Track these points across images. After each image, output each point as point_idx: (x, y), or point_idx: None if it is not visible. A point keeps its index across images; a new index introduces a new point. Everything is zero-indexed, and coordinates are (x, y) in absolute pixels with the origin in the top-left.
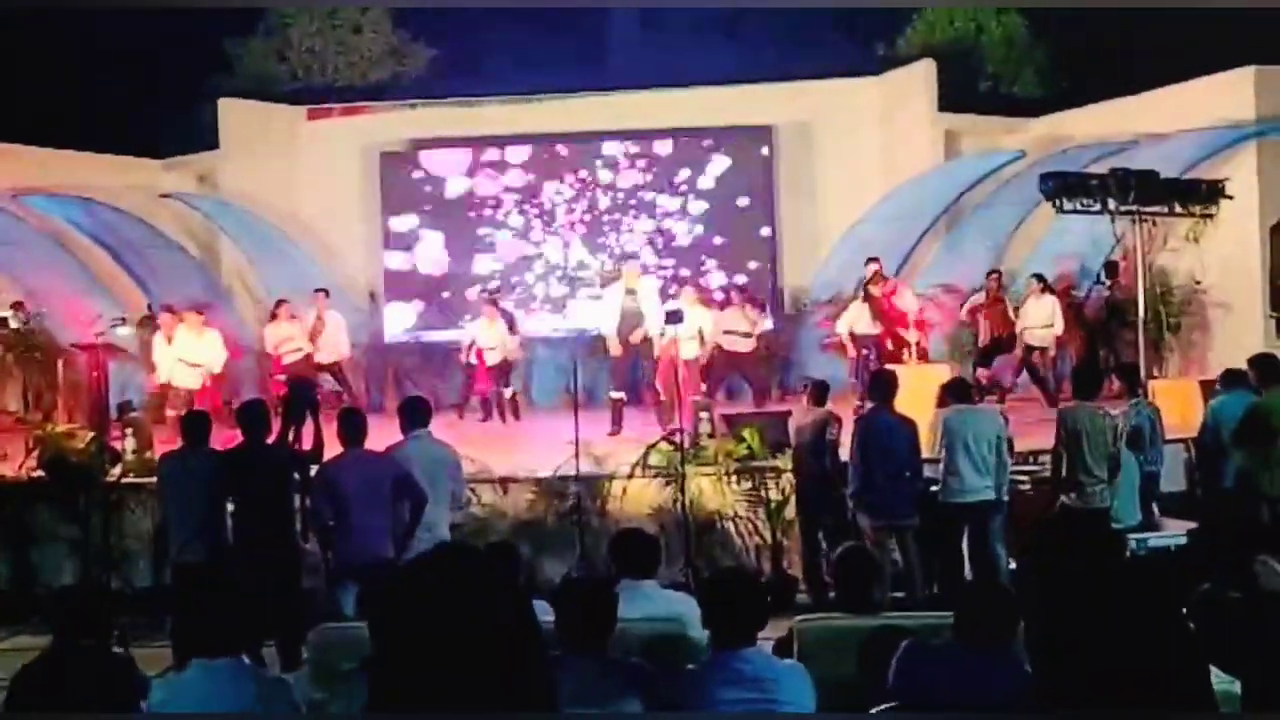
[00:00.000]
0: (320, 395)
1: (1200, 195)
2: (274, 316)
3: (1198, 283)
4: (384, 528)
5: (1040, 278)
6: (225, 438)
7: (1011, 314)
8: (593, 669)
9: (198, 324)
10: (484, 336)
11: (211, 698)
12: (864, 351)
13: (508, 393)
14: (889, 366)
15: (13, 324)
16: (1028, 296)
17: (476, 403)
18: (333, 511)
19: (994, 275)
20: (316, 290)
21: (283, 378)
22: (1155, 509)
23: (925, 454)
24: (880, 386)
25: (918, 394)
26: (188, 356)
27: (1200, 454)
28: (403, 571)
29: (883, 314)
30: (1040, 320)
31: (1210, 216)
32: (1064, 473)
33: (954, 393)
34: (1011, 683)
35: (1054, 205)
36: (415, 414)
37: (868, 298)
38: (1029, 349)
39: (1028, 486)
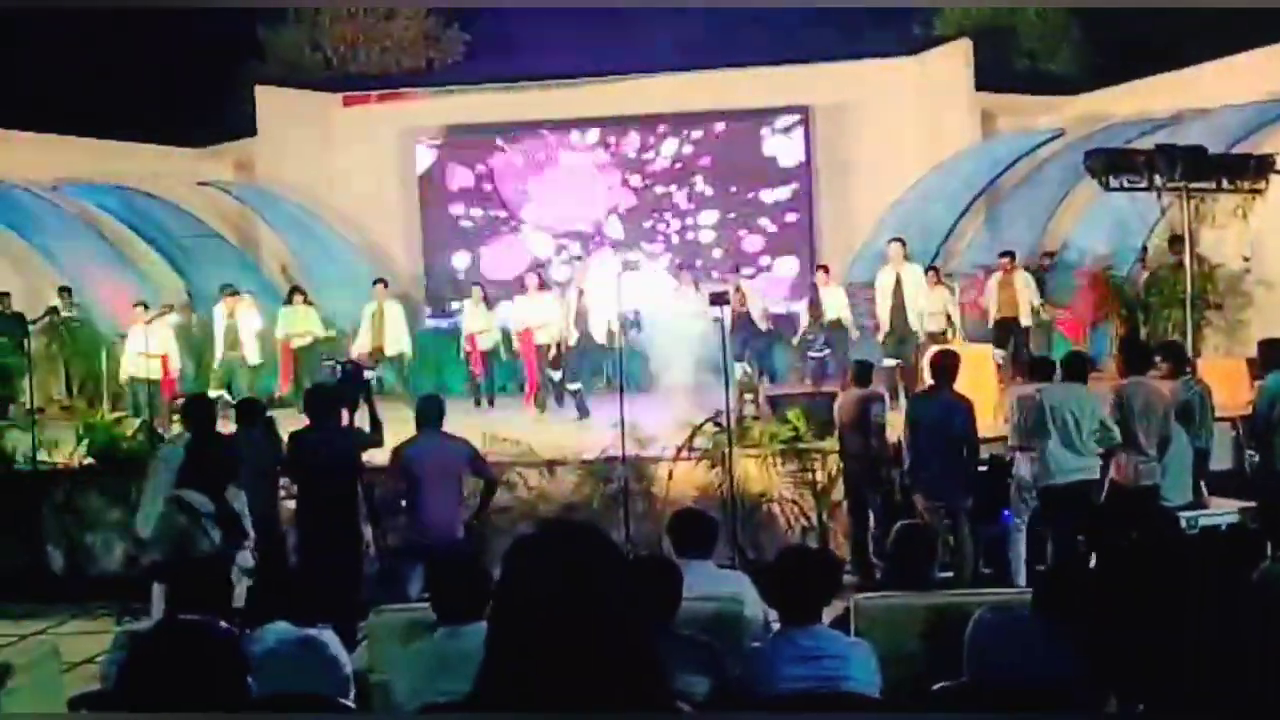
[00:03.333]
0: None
1: (1249, 170)
2: (289, 303)
3: (1245, 259)
4: (454, 509)
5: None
6: None
7: (1022, 293)
8: (660, 646)
9: (142, 318)
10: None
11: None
12: (809, 336)
13: (572, 387)
14: (948, 347)
15: (62, 311)
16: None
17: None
18: (405, 491)
19: (1006, 255)
20: (376, 281)
21: (330, 362)
22: (1204, 487)
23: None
24: (941, 366)
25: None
26: (139, 348)
27: (1254, 432)
28: (520, 548)
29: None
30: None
31: (1260, 192)
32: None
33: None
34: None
35: (1100, 182)
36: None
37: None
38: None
39: None
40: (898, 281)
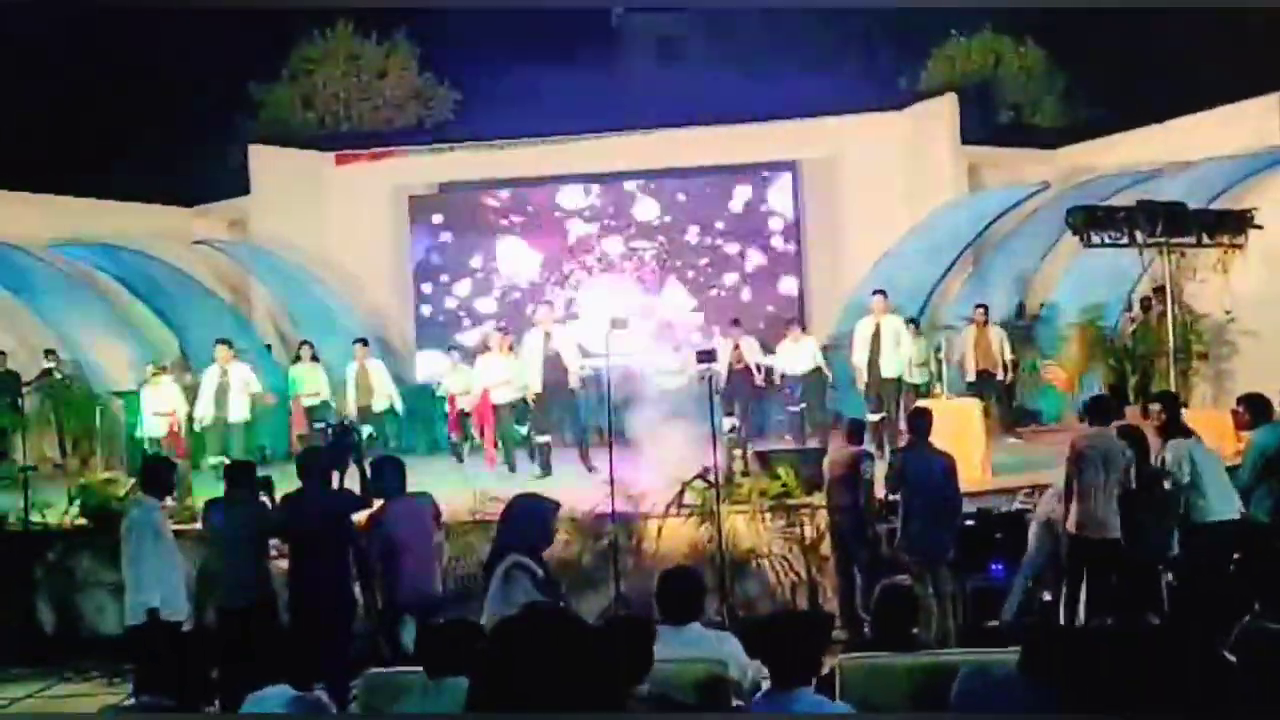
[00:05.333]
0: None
1: (1228, 226)
2: (297, 359)
3: (1227, 312)
4: (432, 567)
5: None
6: None
7: (996, 347)
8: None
9: (151, 376)
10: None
11: None
12: (788, 390)
13: (540, 439)
14: (923, 403)
15: (55, 374)
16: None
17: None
18: (384, 556)
19: (980, 309)
20: (356, 341)
21: (321, 425)
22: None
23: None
24: (917, 422)
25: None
26: (153, 407)
27: (1239, 485)
28: (499, 634)
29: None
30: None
31: (1239, 247)
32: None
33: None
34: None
35: (1081, 239)
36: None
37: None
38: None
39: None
40: (876, 332)
